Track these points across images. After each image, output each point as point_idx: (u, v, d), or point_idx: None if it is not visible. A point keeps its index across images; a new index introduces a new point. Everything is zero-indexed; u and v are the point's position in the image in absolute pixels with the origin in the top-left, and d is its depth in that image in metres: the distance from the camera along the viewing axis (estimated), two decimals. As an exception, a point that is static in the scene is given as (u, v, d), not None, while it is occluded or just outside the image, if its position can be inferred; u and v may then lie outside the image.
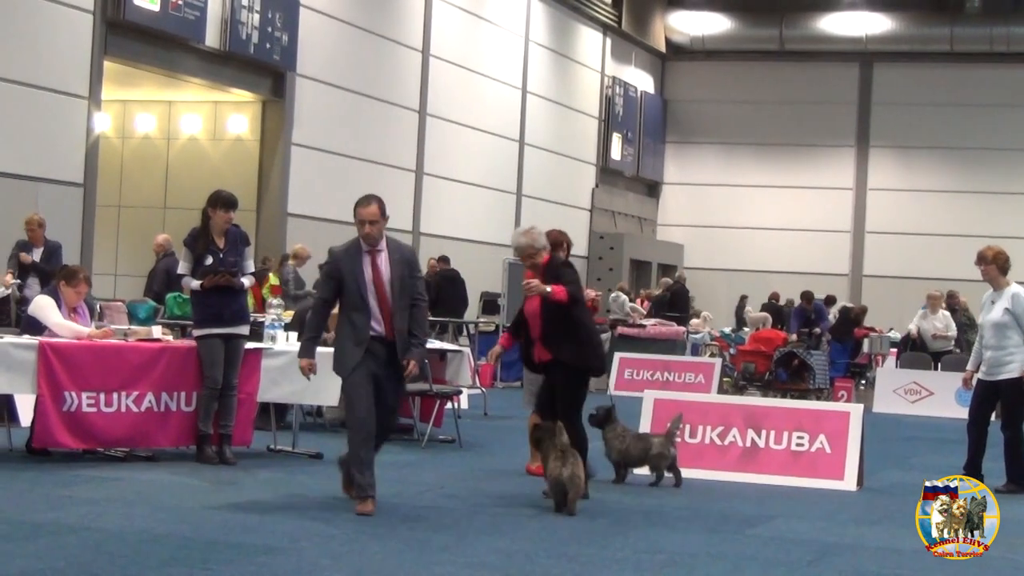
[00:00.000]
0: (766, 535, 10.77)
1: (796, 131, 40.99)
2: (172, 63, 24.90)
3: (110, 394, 12.71)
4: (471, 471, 13.44)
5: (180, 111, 28.94)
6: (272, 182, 27.25)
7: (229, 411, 13.06)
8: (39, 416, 12.54)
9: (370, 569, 8.63)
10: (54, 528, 9.46)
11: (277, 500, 11.14)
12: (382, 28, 30.20)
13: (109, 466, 12.25)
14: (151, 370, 13.02)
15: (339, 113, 28.77)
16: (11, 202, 19.20)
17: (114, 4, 22.46)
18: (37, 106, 21.32)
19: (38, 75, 21.30)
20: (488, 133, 34.67)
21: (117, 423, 12.73)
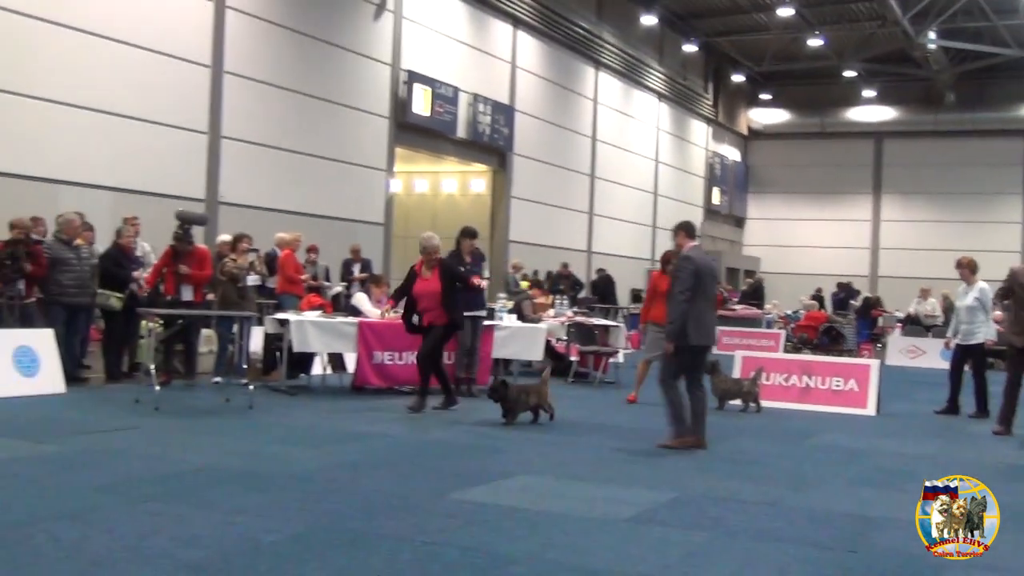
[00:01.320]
0: (816, 444, 10.63)
1: (832, 183, 40.24)
2: (437, 148, 25.25)
3: (401, 352, 13.06)
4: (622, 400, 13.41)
5: (441, 177, 29.32)
6: (499, 221, 27.45)
7: (474, 364, 13.27)
8: (358, 366, 12.96)
9: (567, 459, 8.74)
10: (367, 435, 9.76)
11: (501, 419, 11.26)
12: (567, 123, 30.25)
13: (402, 398, 12.50)
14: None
15: (542, 177, 28.85)
16: (339, 236, 19.61)
17: (400, 111, 22.85)
18: (355, 176, 21.80)
19: (356, 157, 21.79)
20: (634, 188, 34.51)
21: (406, 371, 13.04)
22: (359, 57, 21.84)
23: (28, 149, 15.00)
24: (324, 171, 20.81)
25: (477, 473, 7.87)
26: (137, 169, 16.51)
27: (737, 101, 41.35)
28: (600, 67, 31.79)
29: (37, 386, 11.28)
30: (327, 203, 20.72)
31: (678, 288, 9.44)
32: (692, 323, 9.40)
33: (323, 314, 13.25)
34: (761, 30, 34.13)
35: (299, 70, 20.17)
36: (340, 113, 21.27)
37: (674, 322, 9.42)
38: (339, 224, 20.68)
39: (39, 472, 7.25)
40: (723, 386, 13.00)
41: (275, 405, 11.48)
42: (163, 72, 17.12)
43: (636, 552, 5.73)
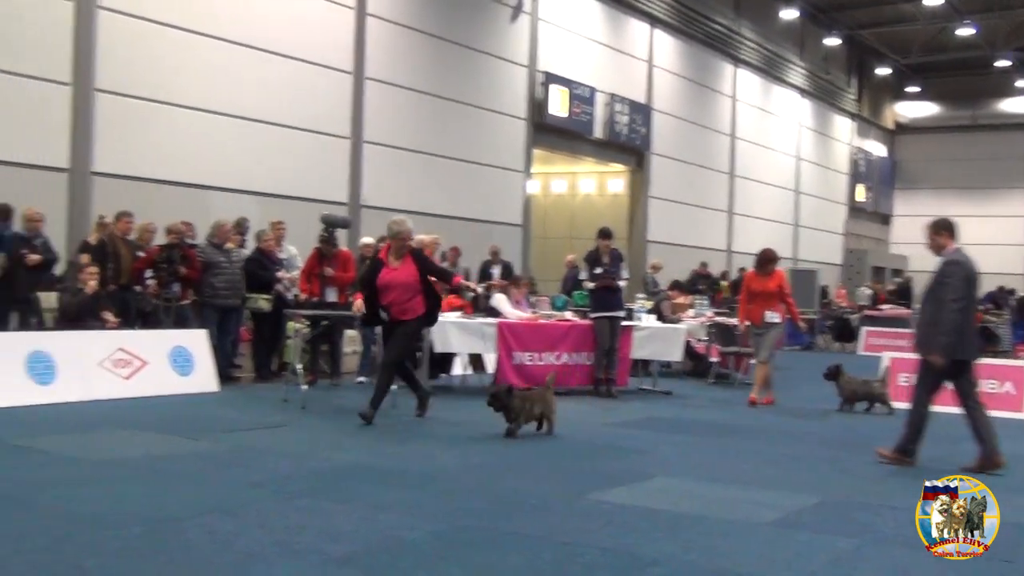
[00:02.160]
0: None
1: (984, 178, 38.74)
2: (574, 148, 25.27)
3: (541, 353, 13.09)
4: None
5: (579, 178, 29.33)
6: (637, 221, 27.30)
7: (613, 364, 13.22)
8: (498, 366, 13.01)
9: (707, 461, 8.62)
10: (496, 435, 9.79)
11: (643, 421, 11.19)
12: (706, 121, 29.90)
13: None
14: (565, 339, 13.31)
15: (680, 176, 28.59)
16: (478, 238, 19.78)
17: (538, 113, 22.95)
18: (493, 177, 21.97)
19: (494, 159, 21.96)
20: (775, 186, 33.90)
21: (546, 371, 13.00)
22: (496, 59, 22.01)
23: (181, 157, 15.61)
24: (463, 173, 21.04)
25: (615, 474, 7.84)
26: (283, 174, 16.99)
27: (882, 95, 40.16)
28: (739, 63, 31.32)
29: (192, 385, 11.72)
30: (466, 205, 20.94)
31: (951, 296, 8.51)
32: (962, 335, 8.67)
33: (463, 315, 13.38)
34: (907, 20, 33.08)
35: (437, 74, 20.45)
36: (477, 115, 21.47)
37: (947, 335, 8.54)
38: (478, 226, 20.87)
39: (194, 468, 7.52)
40: (851, 387, 12.68)
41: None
42: (307, 80, 17.59)
43: (780, 557, 5.62)
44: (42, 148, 14.17)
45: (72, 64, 14.49)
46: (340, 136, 18.32)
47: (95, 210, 13.78)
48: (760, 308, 12.80)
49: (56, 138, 14.35)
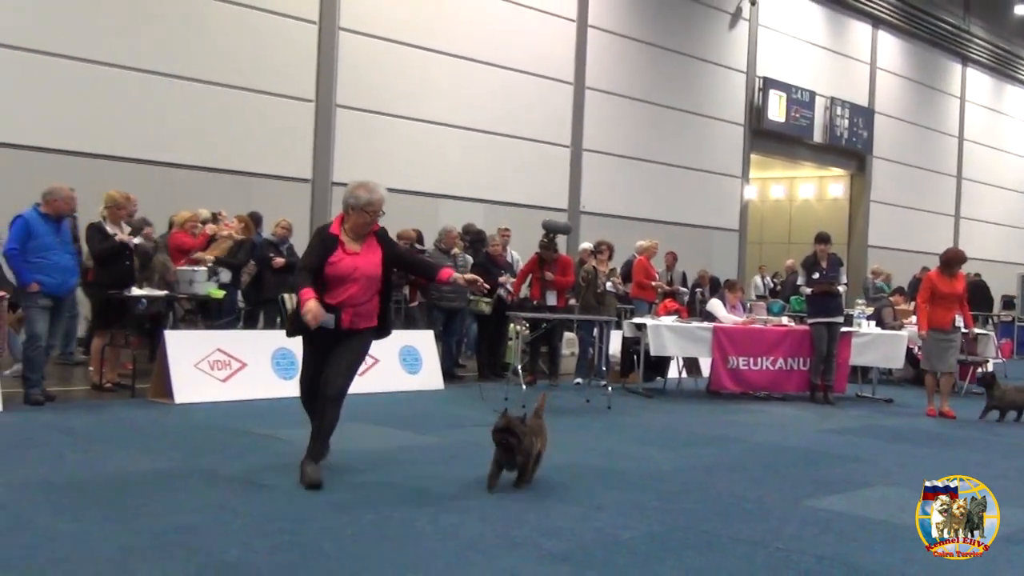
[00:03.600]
0: None
1: None
2: (792, 153, 24.70)
3: (756, 358, 12.88)
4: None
5: (798, 183, 28.64)
6: (857, 226, 26.38)
7: (831, 370, 12.84)
8: (713, 370, 12.87)
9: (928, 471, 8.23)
10: (722, 439, 9.68)
11: (861, 428, 10.81)
12: (931, 123, 28.60)
13: (756, 403, 12.32)
14: (781, 344, 13.03)
15: (903, 180, 27.48)
16: (695, 243, 19.58)
17: (755, 118, 22.56)
18: (711, 183, 21.79)
19: (711, 165, 21.78)
20: (1007, 189, 32.08)
21: (761, 376, 12.86)
22: (714, 66, 21.76)
23: (413, 168, 16.21)
24: (680, 180, 20.91)
25: (834, 481, 7.61)
26: (506, 182, 17.36)
27: None
28: (968, 63, 29.77)
29: (419, 382, 12.13)
30: (683, 211, 20.79)
31: None
32: None
33: (679, 319, 13.29)
34: None
35: (654, 82, 20.39)
36: (695, 122, 21.28)
37: None
38: (695, 231, 20.69)
39: (421, 459, 7.77)
40: (1009, 397, 11.80)
41: (632, 406, 11.65)
42: (531, 91, 17.92)
43: (1009, 573, 5.31)
44: (288, 160, 15.00)
45: (315, 82, 15.27)
46: (561, 145, 18.56)
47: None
48: (947, 312, 11.95)
49: (300, 151, 15.15)
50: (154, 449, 7.68)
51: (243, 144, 14.51)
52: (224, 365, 10.51)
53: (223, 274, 11.49)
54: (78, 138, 13.47)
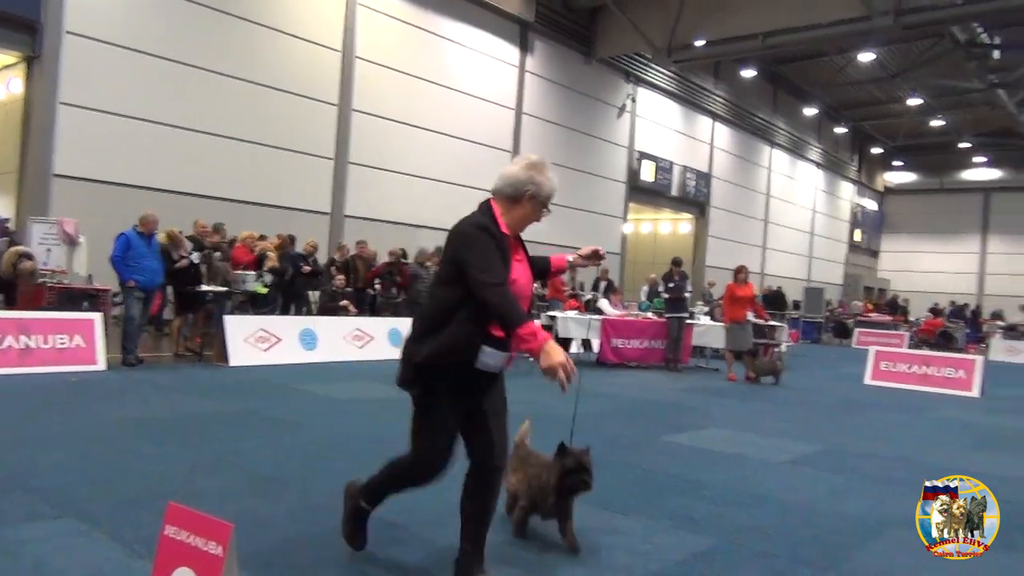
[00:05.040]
0: (934, 416, 9.59)
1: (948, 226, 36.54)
2: (657, 203, 24.94)
3: (631, 339, 12.97)
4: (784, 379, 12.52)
5: (660, 222, 28.84)
6: (699, 252, 26.61)
7: (679, 349, 12.95)
8: (602, 348, 12.97)
9: (743, 417, 8.37)
10: (607, 394, 9.70)
11: (699, 388, 10.93)
12: (749, 185, 28.99)
13: (630, 370, 12.41)
14: (648, 330, 13.15)
15: (730, 222, 27.73)
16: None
17: (633, 178, 22.75)
18: (602, 221, 21.86)
19: (603, 209, 21.87)
20: (796, 230, 32.69)
21: (634, 352, 12.96)
22: (607, 143, 21.93)
23: (398, 206, 16.08)
24: (581, 218, 21.02)
25: (681, 424, 7.70)
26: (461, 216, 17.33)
27: (875, 167, 38.24)
28: (774, 146, 30.35)
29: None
30: (584, 239, 20.88)
31: None
32: None
33: (578, 313, 13.35)
34: (895, 115, 31.42)
35: (567, 152, 20.49)
36: (592, 180, 21.42)
37: None
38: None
39: (403, 406, 7.70)
40: (762, 366, 11.88)
41: (547, 371, 11.69)
42: (486, 157, 17.90)
43: (792, 485, 5.42)
44: (315, 198, 14.80)
45: (335, 146, 15.10)
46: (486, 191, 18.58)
47: (346, 241, 14.31)
48: (741, 309, 11.97)
49: (323, 192, 14.95)
50: (215, 397, 7.54)
51: (282, 186, 14.30)
52: (265, 340, 10.34)
53: (267, 276, 11.30)
54: (165, 179, 13.18)
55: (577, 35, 20.30)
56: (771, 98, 29.20)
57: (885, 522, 4.65)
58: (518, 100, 18.90)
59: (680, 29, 19.34)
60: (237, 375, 9.10)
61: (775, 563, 3.81)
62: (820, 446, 6.93)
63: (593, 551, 3.82)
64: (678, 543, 4.01)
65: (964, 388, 12.05)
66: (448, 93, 17.06)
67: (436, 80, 16.75)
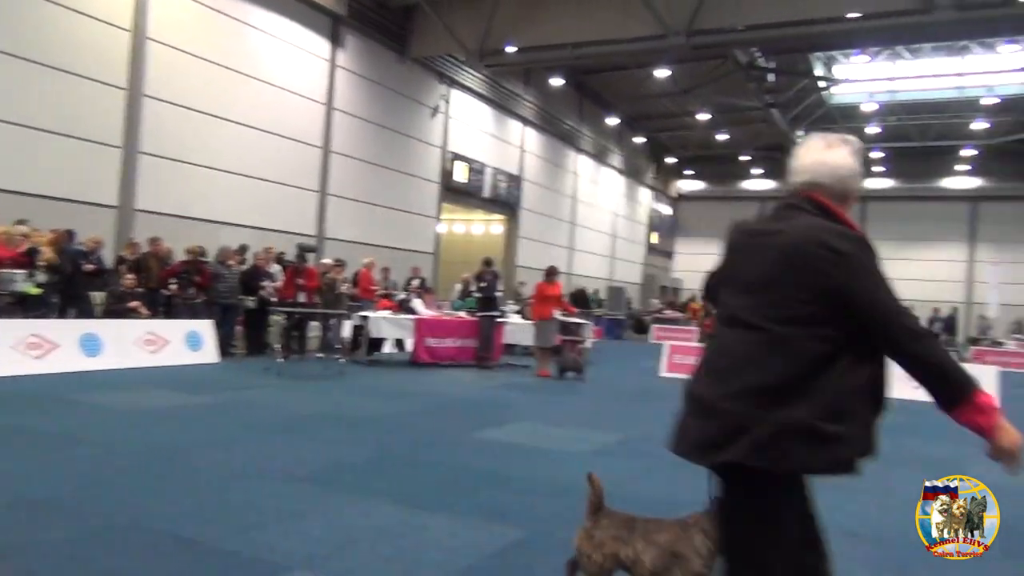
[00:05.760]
0: None
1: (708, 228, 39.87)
2: (470, 203, 25.23)
3: (444, 339, 13.02)
4: (588, 375, 13.21)
5: (473, 223, 29.25)
6: (510, 253, 27.29)
7: (490, 347, 13.15)
8: (415, 347, 12.87)
9: (550, 412, 8.66)
10: (421, 393, 9.70)
11: (509, 384, 11.15)
12: (557, 188, 30.13)
13: (444, 369, 12.45)
14: (460, 329, 13.24)
15: (540, 224, 28.67)
16: (406, 261, 19.52)
17: (447, 179, 22.89)
18: (415, 221, 21.81)
19: (417, 208, 21.81)
20: (600, 232, 34.42)
21: (447, 351, 13.00)
22: (420, 142, 21.89)
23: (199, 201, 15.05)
24: (395, 217, 20.84)
25: (492, 419, 7.85)
26: (271, 214, 16.58)
27: (670, 175, 41.24)
28: (580, 151, 31.79)
29: (200, 358, 11.28)
30: (396, 239, 20.74)
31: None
32: None
33: (391, 313, 13.24)
34: (687, 128, 34.09)
35: (381, 151, 20.22)
36: (406, 179, 21.30)
37: None
38: (405, 253, 20.68)
39: (197, 414, 7.25)
40: (568, 362, 12.28)
41: (359, 373, 11.46)
42: (294, 153, 17.25)
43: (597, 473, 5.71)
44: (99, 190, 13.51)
45: (123, 133, 13.87)
46: (311, 190, 17.98)
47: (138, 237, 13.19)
48: (549, 307, 12.35)
49: (109, 184, 13.70)
50: (-24, 411, 6.65)
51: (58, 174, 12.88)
52: (38, 346, 9.28)
53: (39, 275, 10.15)
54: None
55: (391, 33, 20.11)
56: (578, 106, 30.59)
57: (681, 502, 5.02)
58: (329, 95, 18.38)
59: (492, 34, 19.76)
60: (1, 387, 8.10)
61: (578, 548, 3.98)
62: (620, 435, 7.36)
63: (404, 551, 3.80)
64: (489, 536, 4.08)
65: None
66: (254, 84, 16.23)
67: (241, 69, 15.89)
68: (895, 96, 28.22)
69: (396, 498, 4.68)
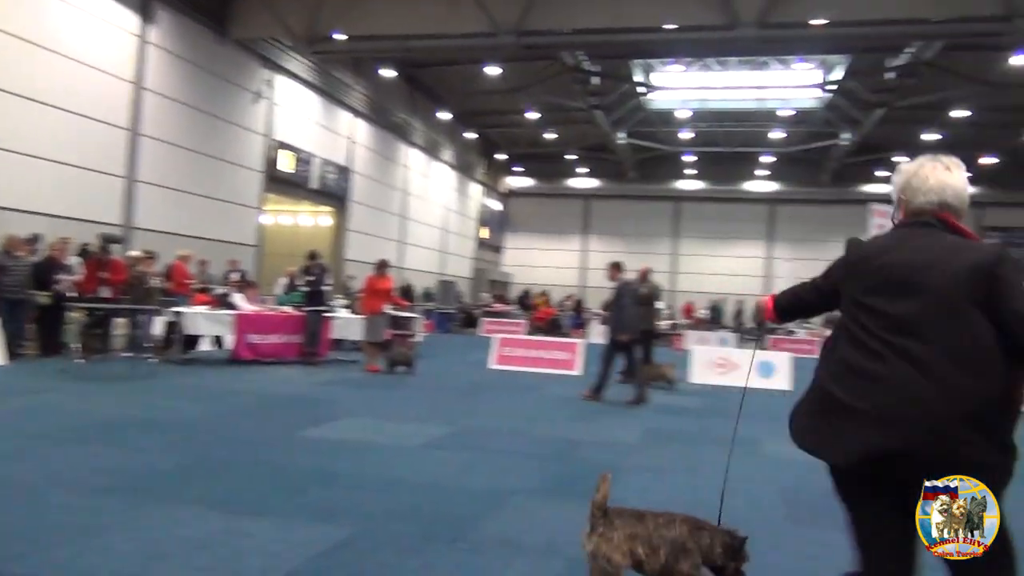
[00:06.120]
0: (543, 394, 10.58)
1: (559, 226, 41.49)
2: (297, 194, 24.35)
3: (267, 335, 12.57)
4: (418, 370, 13.22)
5: (299, 214, 28.31)
6: (339, 246, 26.66)
7: (317, 342, 12.86)
8: (235, 344, 12.32)
9: (379, 407, 8.55)
10: (241, 392, 9.29)
11: (337, 380, 10.97)
12: (387, 181, 29.81)
13: (267, 367, 11.98)
14: (285, 325, 12.83)
15: (369, 217, 28.26)
16: (224, 253, 18.48)
17: (271, 168, 21.96)
18: (236, 211, 20.74)
19: (238, 198, 20.74)
20: (431, 226, 34.44)
21: (271, 347, 12.57)
22: (241, 129, 20.80)
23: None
24: (213, 208, 19.68)
25: (319, 417, 7.64)
26: (70, 202, 15.09)
27: (500, 171, 42.03)
28: (411, 145, 31.61)
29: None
30: (215, 230, 19.60)
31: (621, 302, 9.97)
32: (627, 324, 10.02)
33: (209, 308, 12.52)
34: (517, 126, 34.85)
35: (197, 136, 18.99)
36: (226, 168, 20.17)
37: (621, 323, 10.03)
38: (225, 245, 19.58)
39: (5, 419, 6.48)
40: (398, 355, 12.25)
41: (172, 373, 10.73)
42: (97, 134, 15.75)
43: (425, 467, 5.71)
44: None
45: None
46: (117, 175, 16.53)
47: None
48: (380, 301, 12.29)
49: None
50: None
51: None
52: None
53: None
54: None
55: (209, 12, 18.91)
56: (409, 99, 30.38)
57: (506, 491, 5.14)
58: (137, 73, 16.97)
59: (320, 20, 19.13)
60: None
61: (409, 542, 3.97)
62: (450, 428, 7.41)
63: (222, 560, 3.60)
64: (315, 537, 3.97)
65: (569, 368, 13.81)
66: (48, 56, 14.64)
67: (33, 39, 14.29)
68: (706, 104, 30.40)
69: (213, 505, 4.42)
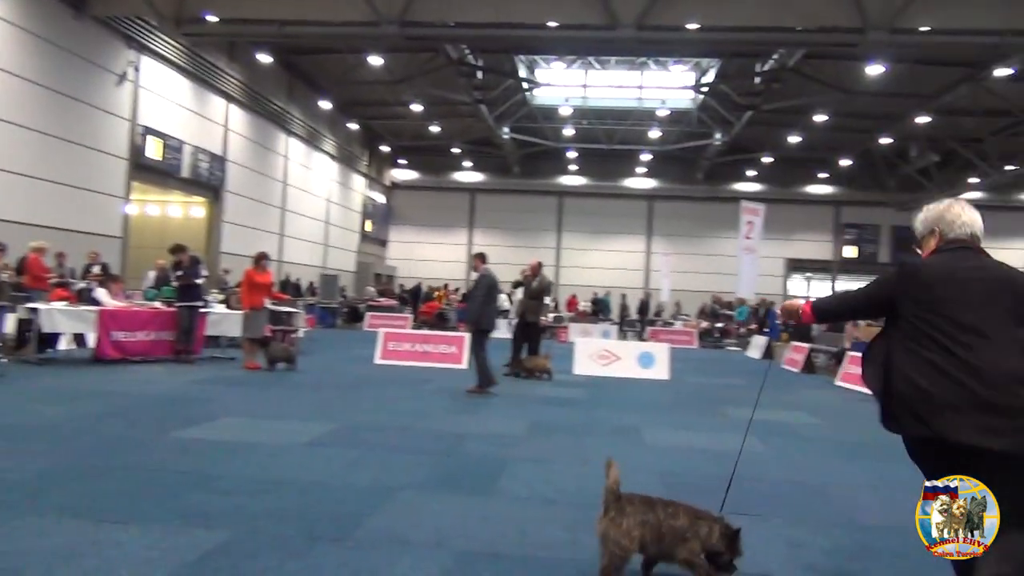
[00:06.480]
0: (431, 388, 10.59)
1: (443, 219, 41.42)
2: (166, 184, 23.12)
3: (135, 332, 11.90)
4: (298, 366, 12.86)
5: (169, 205, 26.88)
6: (213, 238, 25.53)
7: (191, 340, 12.31)
8: (99, 342, 11.59)
9: (258, 405, 8.28)
10: (107, 393, 8.79)
11: (214, 379, 10.56)
12: (266, 172, 28.77)
13: (135, 366, 11.35)
14: (154, 321, 12.21)
15: (247, 208, 27.19)
16: (84, 246, 17.30)
17: (137, 155, 20.73)
18: (97, 201, 19.47)
19: (99, 187, 19.47)
20: (312, 219, 33.56)
21: (139, 345, 11.92)
22: (104, 113, 19.51)
23: None
24: (73, 196, 18.38)
25: (193, 417, 7.31)
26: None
27: (384, 163, 41.51)
28: (290, 134, 30.69)
29: None
30: (75, 220, 18.32)
31: (480, 293, 10.25)
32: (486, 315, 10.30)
33: (68, 304, 11.70)
34: (401, 118, 34.49)
35: (53, 120, 17.66)
36: (87, 154, 18.88)
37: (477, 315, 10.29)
38: (86, 236, 18.34)
39: None
40: (276, 352, 11.95)
41: (27, 374, 9.97)
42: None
43: (310, 466, 5.59)
44: None
45: None
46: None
47: None
48: (260, 295, 11.97)
49: None
50: None
51: None
52: None
53: None
54: None
55: (64, -16, 17.65)
56: (287, 86, 29.43)
57: (393, 487, 5.10)
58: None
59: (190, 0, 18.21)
60: None
61: (292, 544, 3.88)
62: (334, 425, 7.27)
63: (88, 571, 3.40)
64: (191, 542, 3.80)
65: (455, 361, 13.83)
66: None
67: None
68: (587, 102, 31.15)
69: (78, 513, 4.16)
